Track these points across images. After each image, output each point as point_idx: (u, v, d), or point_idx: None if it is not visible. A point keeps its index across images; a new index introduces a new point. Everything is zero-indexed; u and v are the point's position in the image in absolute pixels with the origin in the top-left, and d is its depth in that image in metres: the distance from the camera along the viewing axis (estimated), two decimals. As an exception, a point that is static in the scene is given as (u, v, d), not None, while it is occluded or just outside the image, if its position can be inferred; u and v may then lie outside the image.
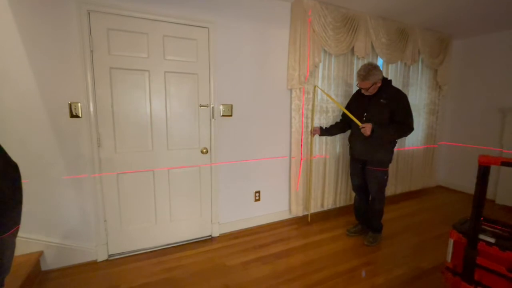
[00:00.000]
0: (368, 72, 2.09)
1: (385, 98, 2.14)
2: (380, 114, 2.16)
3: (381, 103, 2.15)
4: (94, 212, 2.04)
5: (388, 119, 2.15)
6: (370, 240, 2.36)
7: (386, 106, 2.13)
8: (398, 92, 2.19)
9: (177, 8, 2.10)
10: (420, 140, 3.84)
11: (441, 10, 2.82)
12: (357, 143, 2.31)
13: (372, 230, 2.42)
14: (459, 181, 3.98)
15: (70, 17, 1.81)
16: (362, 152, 2.29)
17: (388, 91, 2.17)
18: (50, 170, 1.88)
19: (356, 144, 2.34)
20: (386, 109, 2.14)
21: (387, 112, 2.14)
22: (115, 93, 1.99)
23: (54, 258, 1.96)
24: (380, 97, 2.16)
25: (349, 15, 2.75)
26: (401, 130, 2.15)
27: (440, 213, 3.16)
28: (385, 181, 2.30)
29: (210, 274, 1.94)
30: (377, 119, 2.15)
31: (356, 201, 2.55)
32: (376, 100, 2.18)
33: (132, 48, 1.99)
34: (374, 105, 2.19)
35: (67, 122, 1.88)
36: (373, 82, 2.11)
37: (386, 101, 2.13)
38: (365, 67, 2.12)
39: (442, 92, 3.85)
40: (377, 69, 2.11)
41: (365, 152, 2.26)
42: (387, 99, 2.13)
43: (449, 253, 1.53)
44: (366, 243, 2.35)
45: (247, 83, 2.48)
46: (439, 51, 3.61)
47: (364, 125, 2.13)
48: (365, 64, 2.15)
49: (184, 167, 2.29)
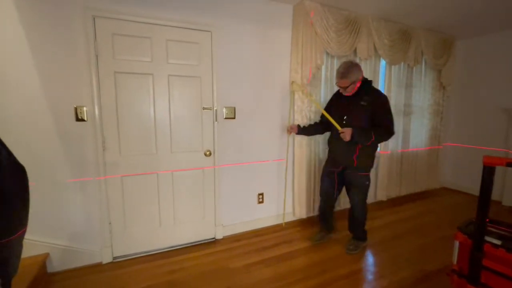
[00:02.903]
0: (347, 69, 1.98)
1: (366, 100, 2.02)
2: (360, 117, 2.05)
3: (361, 105, 2.04)
4: (98, 214, 2.06)
5: (369, 122, 2.04)
6: (351, 247, 2.25)
7: (367, 108, 2.02)
8: (379, 94, 2.08)
9: (180, 12, 2.12)
10: (424, 141, 3.81)
11: (443, 11, 2.81)
12: (337, 146, 2.20)
13: (355, 238, 2.33)
14: (464, 183, 3.93)
15: (75, 23, 1.84)
16: (342, 156, 2.18)
17: (368, 93, 2.05)
18: (56, 173, 1.91)
19: (336, 147, 2.22)
20: (366, 112, 2.03)
21: (367, 115, 2.03)
22: (119, 97, 2.01)
23: (60, 260, 1.98)
24: (360, 99, 2.05)
25: (351, 17, 2.76)
26: (382, 134, 2.04)
27: (445, 214, 3.13)
28: (367, 186, 2.19)
29: (213, 277, 1.94)
30: (357, 122, 2.05)
31: (322, 207, 2.42)
32: (357, 102, 2.06)
33: (136, 52, 2.02)
34: (354, 107, 2.08)
35: (73, 126, 1.91)
36: (351, 81, 1.99)
37: (366, 103, 2.02)
38: (345, 64, 2.01)
39: (446, 93, 3.83)
40: (357, 67, 2.00)
41: (345, 156, 2.14)
42: (368, 101, 2.02)
43: (455, 255, 1.51)
44: (347, 250, 2.24)
45: (250, 85, 2.49)
46: (443, 51, 3.59)
47: (344, 130, 2.01)
48: (345, 62, 2.05)
49: (187, 170, 2.30)
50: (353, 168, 2.15)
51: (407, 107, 3.53)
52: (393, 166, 3.53)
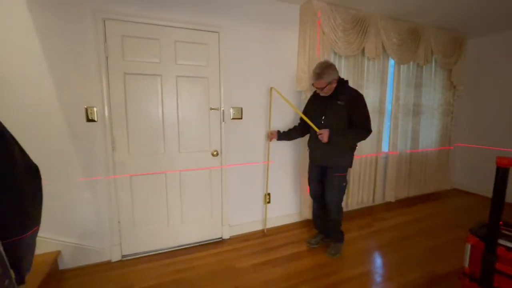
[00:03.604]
0: (322, 70, 1.96)
1: (342, 100, 2.02)
2: (338, 117, 2.05)
3: (338, 105, 2.03)
4: (108, 213, 2.09)
5: (347, 122, 2.04)
6: (332, 252, 2.21)
7: (344, 107, 2.02)
8: (355, 93, 2.08)
9: (188, 13, 2.14)
10: (434, 142, 3.74)
11: (454, 8, 2.75)
12: (316, 148, 2.18)
13: (333, 241, 2.27)
14: (476, 184, 3.84)
15: (86, 25, 1.88)
16: (321, 157, 2.16)
17: (344, 92, 2.05)
18: (67, 172, 1.95)
19: (315, 149, 2.21)
20: (343, 111, 2.02)
21: (345, 115, 2.03)
22: (128, 98, 2.05)
23: (71, 258, 2.02)
24: (337, 98, 2.04)
25: (359, 16, 2.73)
26: (359, 134, 2.05)
27: (456, 216, 3.06)
28: (344, 187, 2.18)
29: (220, 276, 1.95)
30: (335, 123, 2.05)
31: (315, 209, 2.40)
32: (334, 102, 2.05)
33: (145, 53, 2.05)
34: (331, 107, 2.07)
35: (83, 126, 1.96)
36: (327, 82, 1.98)
37: (343, 102, 2.02)
38: (320, 65, 2.00)
39: (457, 92, 3.75)
40: (332, 68, 1.99)
41: (324, 157, 2.14)
42: (344, 100, 2.02)
43: (466, 258, 1.48)
44: (328, 255, 2.20)
45: (257, 86, 2.50)
46: (453, 50, 3.52)
47: (322, 131, 2.02)
48: (321, 62, 2.03)
49: (195, 170, 2.32)
50: (330, 168, 2.14)
51: (416, 107, 3.48)
52: (402, 166, 3.48)
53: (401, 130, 3.39)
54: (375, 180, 3.29)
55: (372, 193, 3.30)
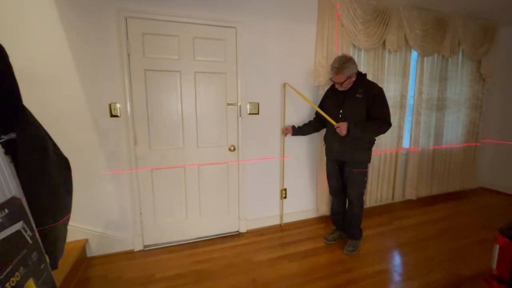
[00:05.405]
0: (342, 65, 1.93)
1: (361, 93, 1.98)
2: (356, 110, 2.00)
3: (357, 98, 1.99)
4: (131, 205, 2.19)
5: (365, 115, 2.00)
6: (350, 248, 2.18)
7: (362, 101, 1.97)
8: (374, 85, 2.02)
9: (206, 9, 2.16)
10: (460, 138, 3.56)
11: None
12: (333, 143, 2.15)
13: (351, 238, 2.24)
14: (505, 182, 3.62)
15: (110, 25, 1.95)
16: (339, 153, 2.12)
17: (363, 85, 2.00)
18: (92, 165, 2.05)
19: (332, 144, 2.17)
20: (362, 105, 1.98)
21: (364, 108, 1.98)
22: (149, 94, 2.11)
23: (97, 246, 2.14)
24: (355, 91, 2.00)
25: (380, 7, 2.63)
26: (379, 127, 1.99)
27: (482, 216, 2.91)
28: (365, 183, 2.15)
29: (238, 269, 1.99)
30: (354, 116, 2.00)
31: (334, 206, 2.36)
32: (352, 95, 2.02)
33: (164, 50, 2.10)
34: (350, 101, 2.03)
35: (107, 121, 2.04)
36: (347, 76, 1.95)
37: (362, 96, 1.97)
38: (339, 59, 1.96)
39: (486, 85, 3.53)
40: (351, 61, 1.95)
41: (342, 152, 2.10)
42: (363, 93, 1.97)
43: (494, 259, 1.41)
44: (346, 252, 2.17)
45: (274, 81, 2.48)
46: (484, 40, 3.30)
47: (339, 125, 1.98)
48: (339, 56, 1.98)
49: (212, 164, 2.36)
50: (350, 163, 2.10)
51: (440, 101, 3.32)
52: (424, 163, 3.35)
53: (423, 125, 3.26)
54: (394, 176, 3.19)
55: (391, 190, 3.21)
